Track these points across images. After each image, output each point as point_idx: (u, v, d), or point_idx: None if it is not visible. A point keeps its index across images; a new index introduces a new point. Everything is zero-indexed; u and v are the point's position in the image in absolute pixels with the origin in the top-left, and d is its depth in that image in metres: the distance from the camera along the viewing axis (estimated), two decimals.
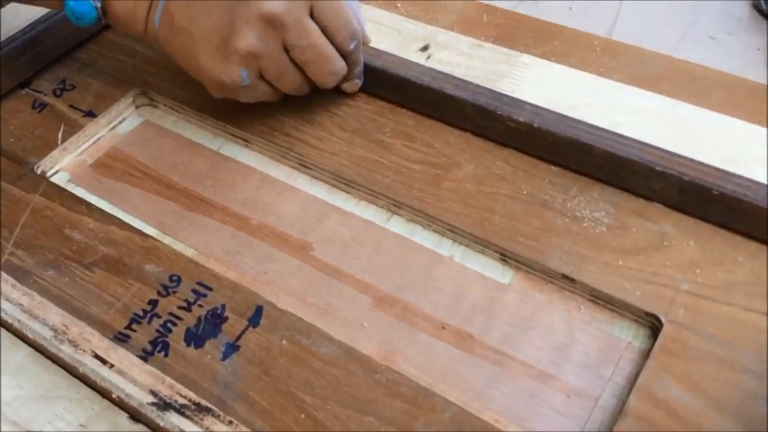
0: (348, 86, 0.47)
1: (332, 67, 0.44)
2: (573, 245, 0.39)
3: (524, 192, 0.42)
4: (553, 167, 0.43)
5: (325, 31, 0.43)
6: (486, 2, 0.54)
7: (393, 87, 0.46)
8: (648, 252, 0.38)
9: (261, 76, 0.43)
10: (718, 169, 0.39)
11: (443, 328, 0.38)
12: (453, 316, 0.38)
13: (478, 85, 0.44)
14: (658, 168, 0.39)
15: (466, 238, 0.40)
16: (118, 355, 0.33)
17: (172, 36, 0.43)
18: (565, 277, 0.38)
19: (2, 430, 0.32)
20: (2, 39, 0.50)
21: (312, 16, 0.42)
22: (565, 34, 0.51)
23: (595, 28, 0.52)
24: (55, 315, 0.35)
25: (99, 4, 0.43)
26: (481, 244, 0.40)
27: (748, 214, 0.38)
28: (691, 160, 0.39)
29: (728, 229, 0.39)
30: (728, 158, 0.39)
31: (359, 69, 0.46)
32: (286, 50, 0.42)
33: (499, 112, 0.43)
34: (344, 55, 0.44)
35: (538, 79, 0.45)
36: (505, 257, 0.40)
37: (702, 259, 0.38)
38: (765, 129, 0.41)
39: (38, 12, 0.51)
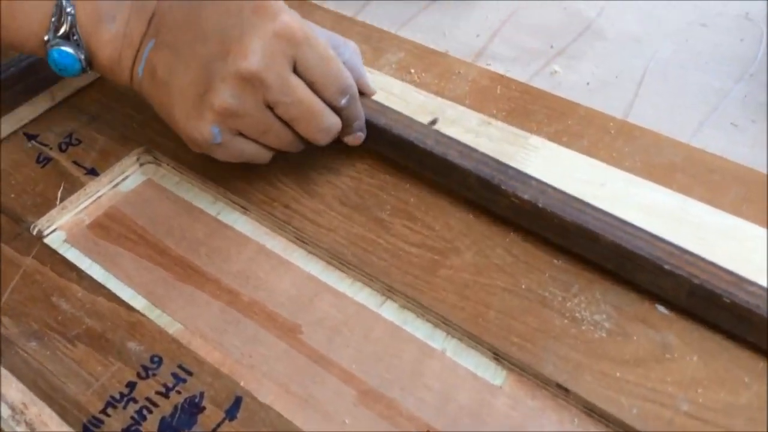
0: (349, 140, 0.45)
1: (321, 123, 0.42)
2: (570, 350, 0.37)
3: (523, 286, 0.40)
4: (555, 261, 0.41)
5: (312, 86, 0.41)
6: (501, 73, 0.53)
7: (395, 147, 0.45)
8: (648, 364, 0.36)
9: (243, 134, 0.42)
10: (731, 274, 0.37)
11: (428, 430, 0.36)
12: (439, 418, 0.36)
13: (483, 154, 0.42)
14: (666, 267, 0.37)
15: (459, 332, 0.39)
16: None
17: (154, 88, 0.43)
18: (559, 386, 0.36)
19: None
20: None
21: (296, 70, 0.41)
22: (580, 113, 0.49)
23: (613, 106, 0.50)
24: (16, 391, 0.34)
25: (83, 56, 0.43)
26: (474, 340, 0.39)
27: (758, 327, 0.36)
28: (704, 260, 0.37)
29: (736, 341, 0.37)
30: (739, 268, 0.37)
31: (359, 123, 0.45)
32: (271, 107, 0.41)
33: (504, 187, 0.41)
34: (337, 110, 0.43)
35: (546, 164, 0.44)
36: (498, 357, 0.38)
37: (705, 376, 0.36)
38: None
39: None
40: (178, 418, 0.35)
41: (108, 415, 0.36)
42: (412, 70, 0.53)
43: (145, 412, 0.36)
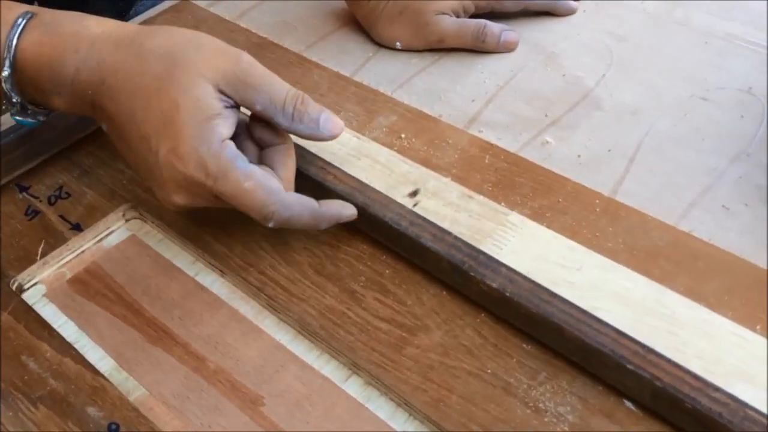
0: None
1: (265, 215, 0.42)
2: None
3: (489, 371, 0.39)
4: (525, 345, 0.40)
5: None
6: (492, 141, 0.53)
7: (371, 225, 0.45)
8: None
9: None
10: (697, 378, 0.36)
11: None
12: None
13: (456, 238, 0.42)
14: (629, 366, 0.36)
15: (421, 416, 0.38)
16: None
17: (118, 150, 0.45)
18: None
19: None
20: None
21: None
22: (567, 188, 0.49)
23: (602, 182, 0.50)
24: None
25: (42, 118, 0.46)
26: (434, 425, 0.38)
27: None
28: (668, 361, 0.36)
29: None
30: (708, 369, 0.36)
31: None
32: None
33: (472, 273, 0.41)
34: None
35: (523, 243, 0.43)
36: None
37: None
38: (758, 336, 0.38)
39: None
40: None
41: None
42: (403, 135, 0.53)
43: None
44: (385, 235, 0.45)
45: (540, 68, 0.60)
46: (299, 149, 0.48)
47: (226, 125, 0.41)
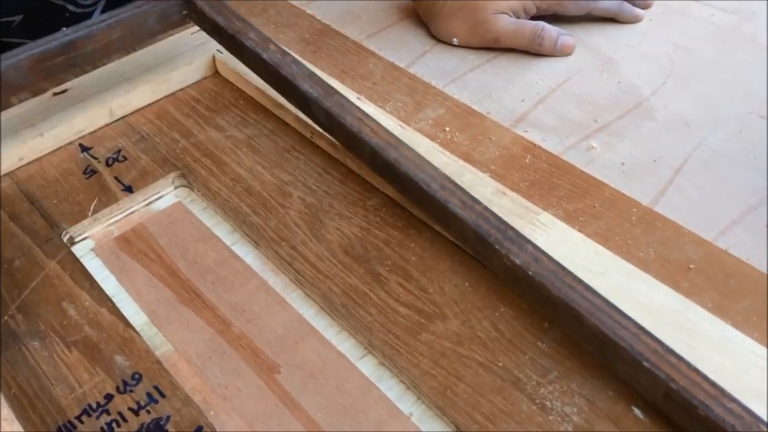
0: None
1: None
2: None
3: (500, 364, 0.40)
4: (540, 343, 0.40)
5: None
6: (536, 142, 0.53)
7: (401, 184, 0.45)
8: None
9: None
10: (714, 385, 0.35)
11: None
12: None
13: (486, 208, 0.42)
14: (645, 364, 0.35)
15: (428, 400, 0.39)
16: None
17: None
18: None
19: None
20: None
21: None
22: (605, 194, 0.48)
23: (643, 191, 0.49)
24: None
25: None
26: (440, 410, 0.39)
27: None
28: (688, 365, 0.35)
29: None
30: (724, 385, 0.35)
31: None
32: None
33: (497, 246, 0.40)
34: None
35: (549, 244, 0.43)
36: (459, 431, 0.38)
37: None
38: None
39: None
40: None
41: (81, 422, 0.38)
42: (447, 128, 0.54)
43: (114, 425, 0.38)
44: (413, 196, 0.45)
45: (595, 74, 0.60)
46: (337, 95, 0.48)
47: None
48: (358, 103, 0.54)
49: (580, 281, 0.39)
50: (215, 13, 0.54)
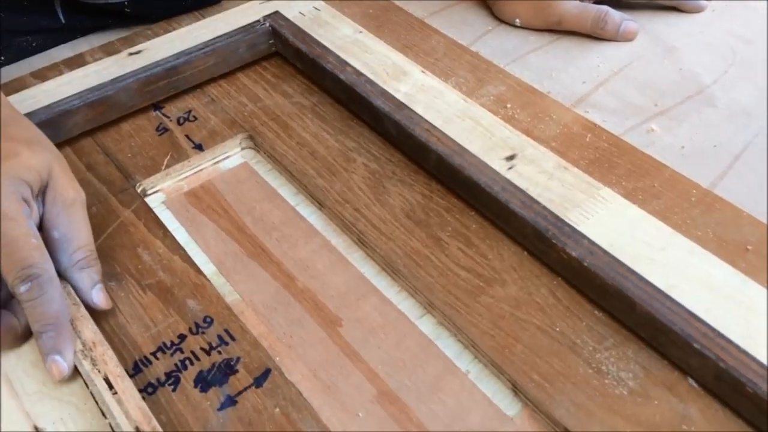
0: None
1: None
2: (586, 399, 0.38)
3: (557, 329, 0.41)
4: (596, 312, 0.42)
5: None
6: (597, 123, 0.54)
7: (464, 187, 0.47)
8: (662, 430, 0.36)
9: None
10: (762, 365, 0.36)
11: None
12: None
13: (544, 207, 0.44)
14: (696, 345, 0.37)
15: (485, 359, 0.40)
16: (125, 385, 0.37)
17: None
18: (567, 430, 0.37)
19: (15, 418, 0.36)
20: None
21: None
22: (665, 175, 0.49)
23: (702, 174, 0.49)
24: (90, 331, 0.39)
25: None
26: (497, 368, 0.40)
27: None
28: (736, 346, 0.36)
29: (757, 430, 0.36)
30: None
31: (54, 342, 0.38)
32: None
33: (554, 241, 0.42)
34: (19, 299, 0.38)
35: (610, 218, 0.44)
36: (516, 389, 0.39)
37: None
38: None
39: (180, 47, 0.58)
40: (213, 375, 0.39)
41: (156, 358, 0.40)
42: (508, 105, 0.55)
43: (187, 362, 0.40)
44: (476, 197, 0.47)
45: (657, 60, 0.60)
46: (406, 110, 0.51)
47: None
48: (422, 76, 0.56)
49: (632, 272, 0.40)
50: (298, 41, 0.58)
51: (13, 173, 0.40)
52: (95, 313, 0.41)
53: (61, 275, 0.41)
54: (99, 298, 0.41)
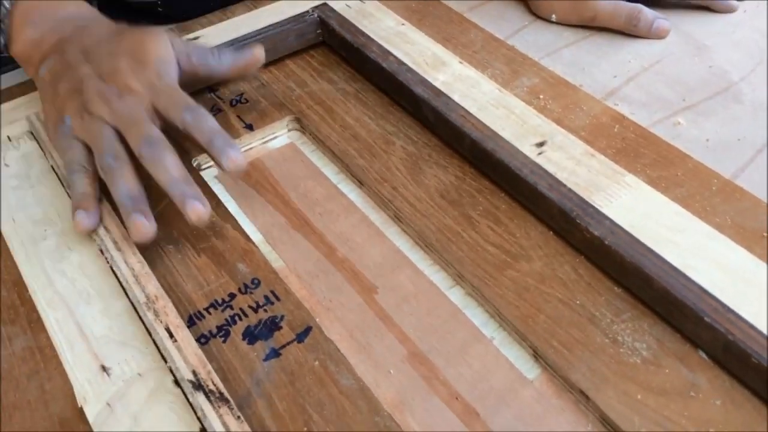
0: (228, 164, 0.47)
1: (140, 131, 0.47)
2: (601, 365, 0.41)
3: (578, 302, 0.44)
4: (616, 288, 0.44)
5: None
6: (626, 115, 0.56)
7: (496, 170, 0.50)
8: (671, 396, 0.39)
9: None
10: (764, 336, 0.38)
11: (456, 398, 0.41)
12: (470, 391, 0.41)
13: (570, 190, 0.47)
14: (706, 319, 0.39)
15: (509, 327, 0.44)
16: (183, 334, 0.41)
17: (44, 90, 0.52)
18: (582, 393, 0.40)
19: (84, 359, 0.41)
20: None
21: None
22: (688, 165, 0.51)
23: (725, 165, 0.51)
24: (153, 286, 0.43)
25: (3, 41, 0.54)
26: (520, 336, 0.43)
27: None
28: (745, 321, 0.39)
29: (762, 400, 0.38)
30: None
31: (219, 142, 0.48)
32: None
33: (578, 221, 0.45)
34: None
35: (633, 202, 0.47)
36: (537, 355, 0.42)
37: (721, 420, 0.38)
38: None
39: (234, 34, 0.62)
40: (259, 330, 0.43)
41: (209, 313, 0.44)
42: (541, 96, 0.58)
43: (236, 318, 0.44)
44: (507, 179, 0.50)
45: (687, 57, 0.63)
46: (444, 97, 0.54)
47: None
48: (460, 67, 0.59)
49: (651, 251, 0.43)
50: (344, 31, 0.62)
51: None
52: (156, 271, 0.46)
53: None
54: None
